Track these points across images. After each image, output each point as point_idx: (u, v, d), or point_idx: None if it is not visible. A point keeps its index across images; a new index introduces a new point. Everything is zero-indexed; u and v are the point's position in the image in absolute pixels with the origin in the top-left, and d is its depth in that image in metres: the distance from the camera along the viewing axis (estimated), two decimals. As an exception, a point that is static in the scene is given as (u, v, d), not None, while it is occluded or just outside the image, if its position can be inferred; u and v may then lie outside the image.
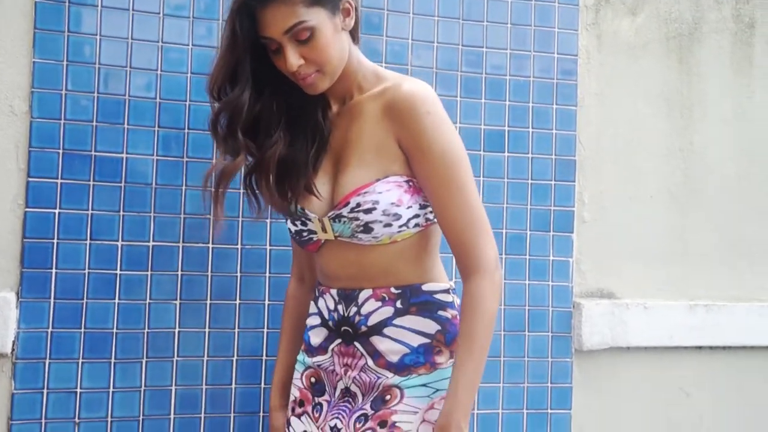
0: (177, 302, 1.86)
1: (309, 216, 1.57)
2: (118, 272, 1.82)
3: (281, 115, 1.59)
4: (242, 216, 1.91)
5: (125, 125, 1.83)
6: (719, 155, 2.33)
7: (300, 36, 1.49)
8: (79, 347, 1.78)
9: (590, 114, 2.21)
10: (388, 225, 1.52)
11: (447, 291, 1.59)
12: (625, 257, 2.24)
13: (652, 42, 2.28)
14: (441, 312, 1.57)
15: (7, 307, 1.74)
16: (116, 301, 1.82)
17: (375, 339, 1.56)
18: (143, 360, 1.83)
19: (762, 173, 2.37)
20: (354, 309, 1.58)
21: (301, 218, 1.58)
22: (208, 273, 1.89)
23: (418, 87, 1.51)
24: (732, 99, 2.35)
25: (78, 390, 1.78)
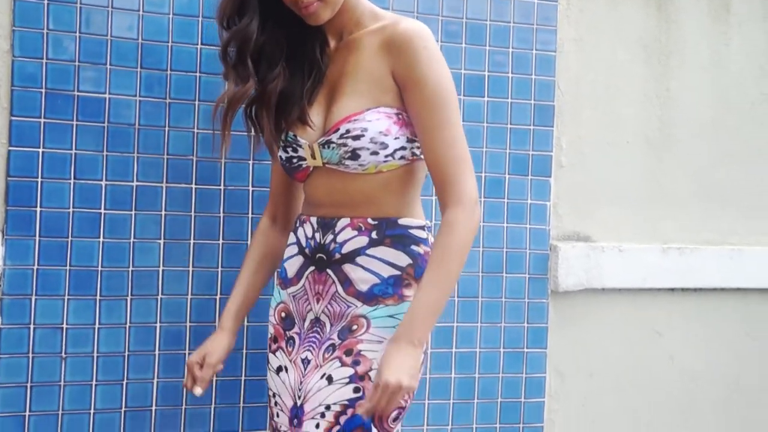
0: (161, 241, 1.89)
1: (300, 142, 1.62)
2: (103, 211, 1.85)
3: (283, 49, 1.64)
4: (225, 157, 1.93)
5: (107, 65, 1.84)
6: (695, 101, 2.37)
7: None
8: (65, 284, 1.82)
9: (569, 60, 2.24)
10: (375, 153, 1.57)
11: (422, 228, 1.64)
12: (602, 201, 2.28)
13: (632, -12, 2.31)
14: (414, 247, 1.62)
15: (-7, 245, 1.76)
16: (101, 240, 1.85)
17: (347, 267, 1.61)
18: (128, 297, 1.87)
19: (737, 120, 2.41)
20: (330, 237, 1.63)
21: (293, 145, 1.63)
22: (192, 213, 1.92)
23: (417, 25, 1.58)
24: (709, 46, 2.38)
25: (64, 326, 1.82)
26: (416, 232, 1.63)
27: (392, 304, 1.59)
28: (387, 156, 1.58)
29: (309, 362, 1.60)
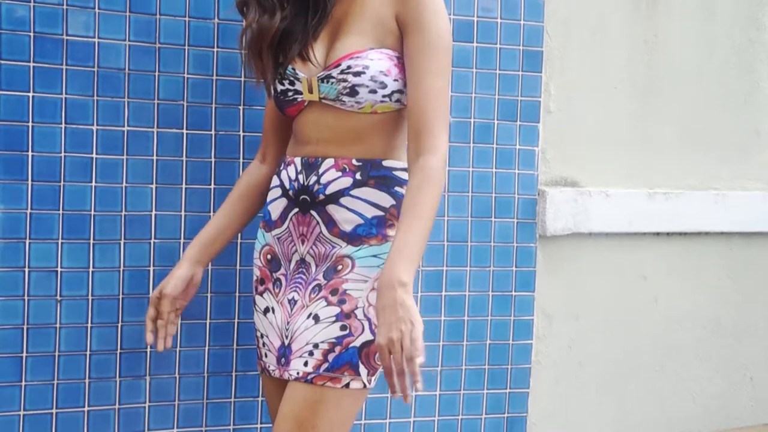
0: (153, 186, 1.90)
1: (298, 76, 1.64)
2: (94, 156, 1.85)
3: None
4: (215, 102, 1.94)
5: (96, 9, 1.83)
6: (683, 48, 2.39)
7: None
8: (58, 228, 1.83)
9: (558, 5, 2.24)
10: (373, 92, 1.60)
11: (406, 170, 1.66)
12: (589, 146, 2.31)
13: (620, -67, 2.31)
14: (398, 188, 1.65)
15: (-15, 189, 1.77)
16: (93, 185, 1.85)
17: (331, 208, 1.63)
18: (121, 241, 1.88)
19: (722, 67, 2.44)
20: (314, 178, 1.65)
21: (290, 78, 1.65)
22: (183, 158, 1.92)
23: None
24: (696, -8, 2.40)
25: (59, 269, 1.83)
26: (400, 174, 1.65)
27: (375, 244, 1.62)
28: (384, 96, 1.60)
29: (296, 302, 1.63)
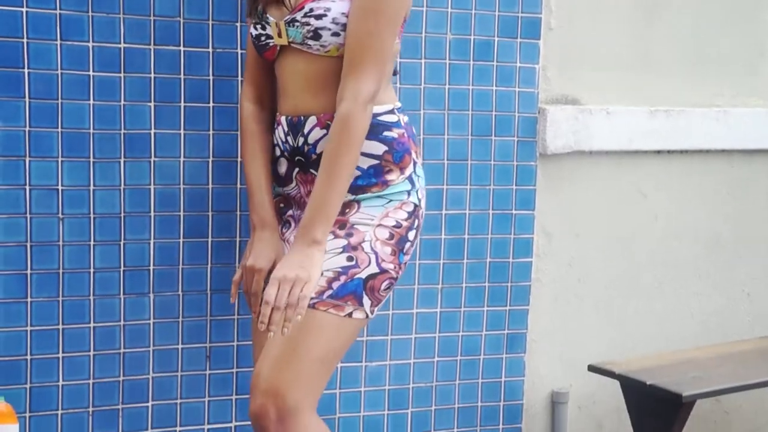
0: (151, 104, 1.89)
1: (268, 20, 1.67)
2: (91, 74, 1.84)
3: None
4: (212, 19, 1.91)
5: None
6: (685, -38, 2.35)
7: None
8: (57, 146, 1.82)
9: None
10: (336, 34, 1.61)
11: (391, 111, 1.69)
12: (590, 64, 2.29)
13: None
14: (386, 133, 1.66)
15: (-17, 107, 1.76)
16: (91, 102, 1.84)
17: None
18: (121, 160, 1.88)
19: (726, -18, 2.40)
20: (302, 139, 1.68)
21: (262, 22, 1.68)
22: (181, 76, 1.91)
23: None
24: None
25: (59, 187, 1.84)
26: (385, 118, 1.67)
27: (378, 191, 1.66)
28: None
29: None
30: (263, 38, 1.69)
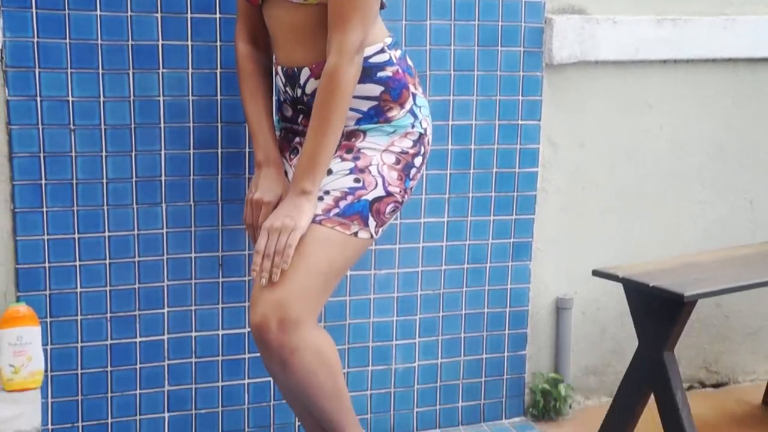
0: (158, 15, 1.89)
1: None
2: (97, -16, 1.84)
3: None
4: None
5: None
6: None
7: None
8: (67, 58, 1.83)
9: None
10: None
11: (382, 50, 1.70)
12: (597, -28, 2.27)
13: None
14: (380, 73, 1.68)
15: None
16: (98, 13, 1.85)
17: None
18: (130, 71, 1.89)
19: None
20: (299, 90, 1.71)
21: None
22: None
23: None
24: None
25: (70, 99, 1.85)
26: (377, 59, 1.68)
27: (382, 125, 1.70)
28: None
29: None
30: None
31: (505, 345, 2.31)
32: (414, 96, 1.73)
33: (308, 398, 1.68)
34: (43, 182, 1.86)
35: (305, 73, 1.69)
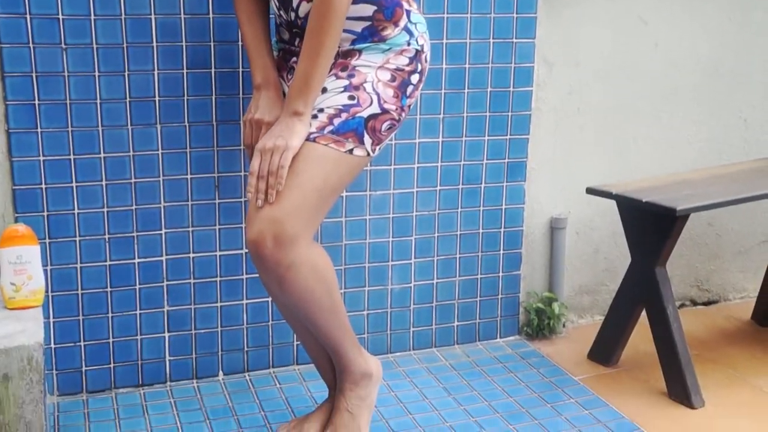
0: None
1: None
2: None
3: None
4: None
5: None
6: None
7: None
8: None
9: None
10: None
11: None
12: None
13: None
14: None
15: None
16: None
17: None
18: (120, -11, 1.87)
19: None
20: (293, 14, 1.70)
21: None
22: None
23: None
24: None
25: (60, 16, 1.82)
26: None
27: (377, 44, 1.68)
28: None
29: None
30: None
31: (500, 265, 2.33)
32: (408, 13, 1.71)
33: (305, 315, 1.70)
34: (37, 102, 1.85)
35: None
